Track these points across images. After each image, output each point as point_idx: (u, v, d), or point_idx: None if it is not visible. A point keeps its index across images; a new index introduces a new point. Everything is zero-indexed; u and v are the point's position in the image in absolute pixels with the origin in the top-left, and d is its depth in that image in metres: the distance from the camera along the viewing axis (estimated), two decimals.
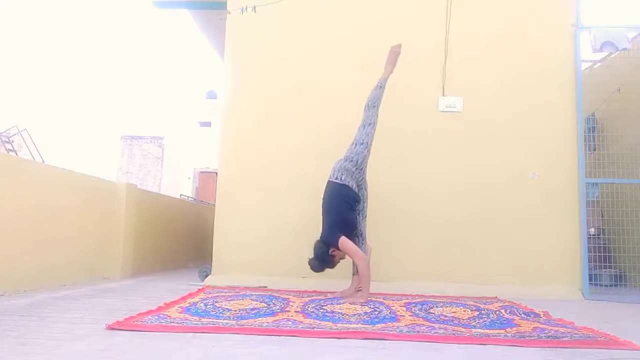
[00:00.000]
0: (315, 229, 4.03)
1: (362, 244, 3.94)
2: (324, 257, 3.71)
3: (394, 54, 4.12)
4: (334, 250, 3.71)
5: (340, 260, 3.81)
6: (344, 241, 3.65)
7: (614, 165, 4.96)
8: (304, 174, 4.64)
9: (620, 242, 5.01)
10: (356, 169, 3.84)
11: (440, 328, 2.69)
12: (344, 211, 3.78)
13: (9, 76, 16.01)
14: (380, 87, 4.04)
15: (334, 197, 3.81)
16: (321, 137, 4.71)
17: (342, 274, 3.92)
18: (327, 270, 4.20)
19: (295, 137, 4.77)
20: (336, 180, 3.81)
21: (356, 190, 3.85)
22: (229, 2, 4.86)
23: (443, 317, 3.06)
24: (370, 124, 3.94)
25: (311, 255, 3.76)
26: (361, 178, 3.91)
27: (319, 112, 4.78)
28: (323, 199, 3.86)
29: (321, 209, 3.86)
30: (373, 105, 3.98)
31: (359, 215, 3.94)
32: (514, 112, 4.71)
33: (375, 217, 4.27)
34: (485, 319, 3.05)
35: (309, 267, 3.77)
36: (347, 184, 3.79)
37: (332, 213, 3.78)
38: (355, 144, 3.90)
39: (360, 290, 3.74)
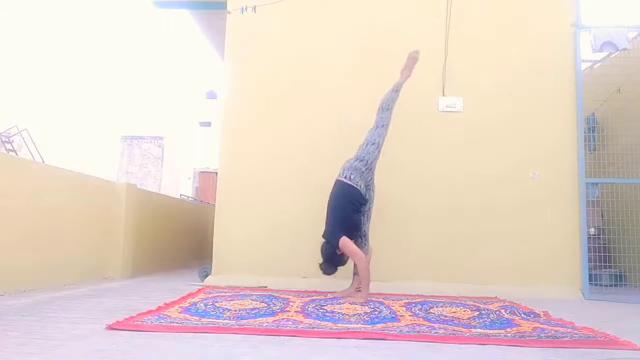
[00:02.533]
0: (315, 230, 4.04)
1: (365, 244, 3.94)
2: (333, 257, 3.72)
3: (412, 59, 4.10)
4: (340, 250, 3.72)
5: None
6: (344, 241, 3.65)
7: (614, 165, 4.96)
8: (304, 173, 4.64)
9: (620, 242, 5.01)
10: (366, 169, 3.83)
11: (440, 328, 2.69)
12: (349, 212, 3.77)
13: (9, 76, 16.00)
14: (395, 91, 4.03)
15: (340, 196, 3.79)
16: (321, 137, 4.72)
17: (342, 274, 3.91)
18: None
19: (295, 136, 4.77)
20: (345, 180, 3.80)
21: (364, 192, 3.84)
22: (229, 2, 4.86)
23: (443, 317, 3.05)
24: (383, 125, 3.93)
25: (320, 259, 3.77)
26: (370, 178, 3.91)
27: (318, 111, 4.78)
28: (330, 196, 3.84)
29: (326, 205, 3.84)
30: (387, 107, 3.97)
31: (363, 216, 3.94)
32: (514, 112, 4.71)
33: (375, 218, 4.26)
34: (485, 319, 3.05)
35: (320, 271, 3.78)
36: (355, 185, 3.78)
37: (337, 212, 3.77)
38: (367, 144, 3.89)
39: (360, 290, 3.74)
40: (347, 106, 4.76)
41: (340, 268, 3.80)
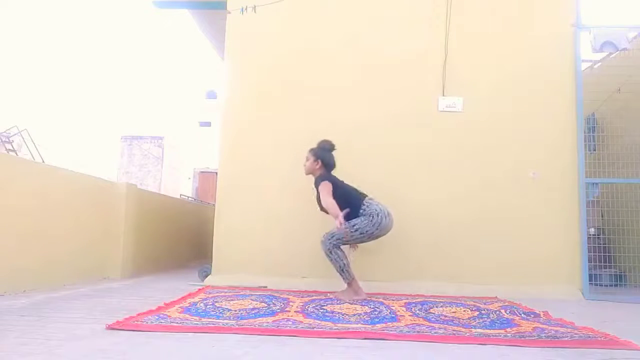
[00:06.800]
0: (316, 230, 4.04)
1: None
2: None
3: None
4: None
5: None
6: (324, 185, 3.78)
7: (614, 165, 4.96)
8: (304, 174, 4.63)
9: (620, 242, 5.01)
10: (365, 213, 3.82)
11: (440, 328, 2.69)
12: (350, 199, 3.85)
13: (9, 76, 16.01)
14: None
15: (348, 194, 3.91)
16: (321, 137, 4.70)
17: None
18: (327, 270, 4.20)
19: (295, 137, 4.76)
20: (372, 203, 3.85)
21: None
22: (229, 2, 4.86)
23: (443, 317, 3.06)
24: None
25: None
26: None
27: (318, 112, 4.78)
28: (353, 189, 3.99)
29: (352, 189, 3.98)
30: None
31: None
32: (514, 112, 4.71)
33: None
34: (485, 319, 3.05)
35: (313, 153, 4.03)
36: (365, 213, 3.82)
37: (348, 194, 3.89)
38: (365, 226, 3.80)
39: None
40: (346, 106, 4.76)
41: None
